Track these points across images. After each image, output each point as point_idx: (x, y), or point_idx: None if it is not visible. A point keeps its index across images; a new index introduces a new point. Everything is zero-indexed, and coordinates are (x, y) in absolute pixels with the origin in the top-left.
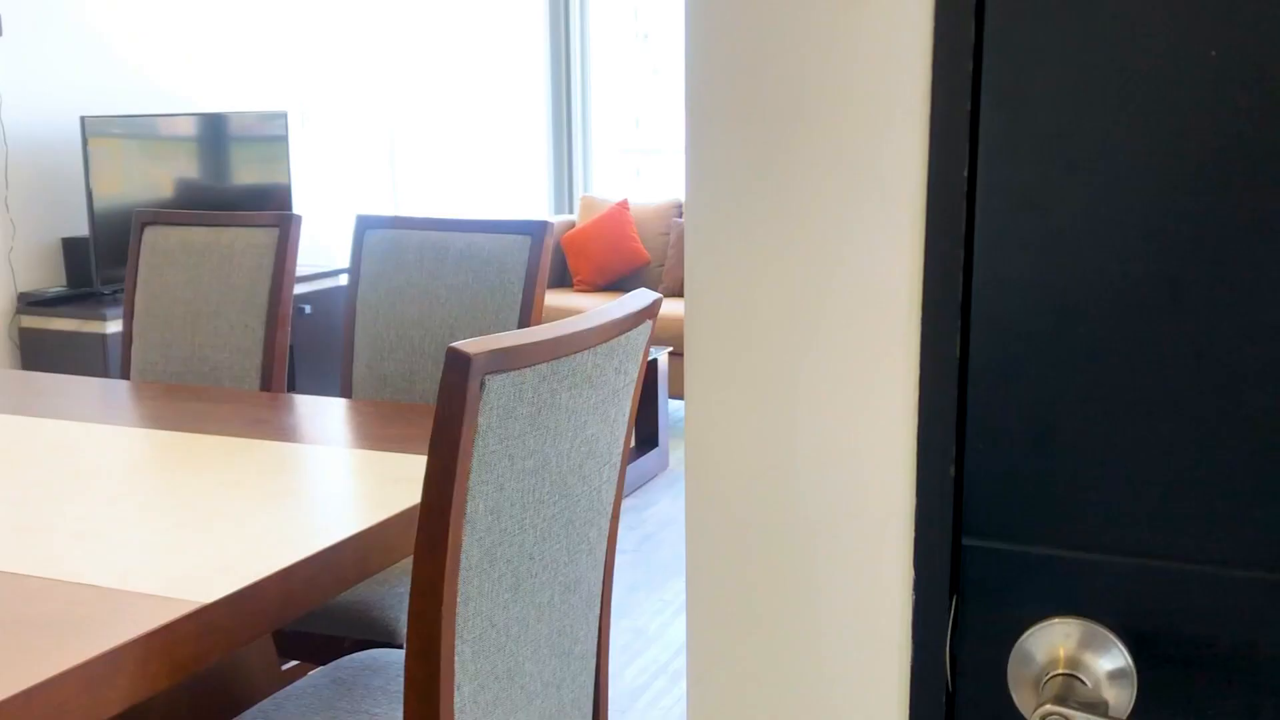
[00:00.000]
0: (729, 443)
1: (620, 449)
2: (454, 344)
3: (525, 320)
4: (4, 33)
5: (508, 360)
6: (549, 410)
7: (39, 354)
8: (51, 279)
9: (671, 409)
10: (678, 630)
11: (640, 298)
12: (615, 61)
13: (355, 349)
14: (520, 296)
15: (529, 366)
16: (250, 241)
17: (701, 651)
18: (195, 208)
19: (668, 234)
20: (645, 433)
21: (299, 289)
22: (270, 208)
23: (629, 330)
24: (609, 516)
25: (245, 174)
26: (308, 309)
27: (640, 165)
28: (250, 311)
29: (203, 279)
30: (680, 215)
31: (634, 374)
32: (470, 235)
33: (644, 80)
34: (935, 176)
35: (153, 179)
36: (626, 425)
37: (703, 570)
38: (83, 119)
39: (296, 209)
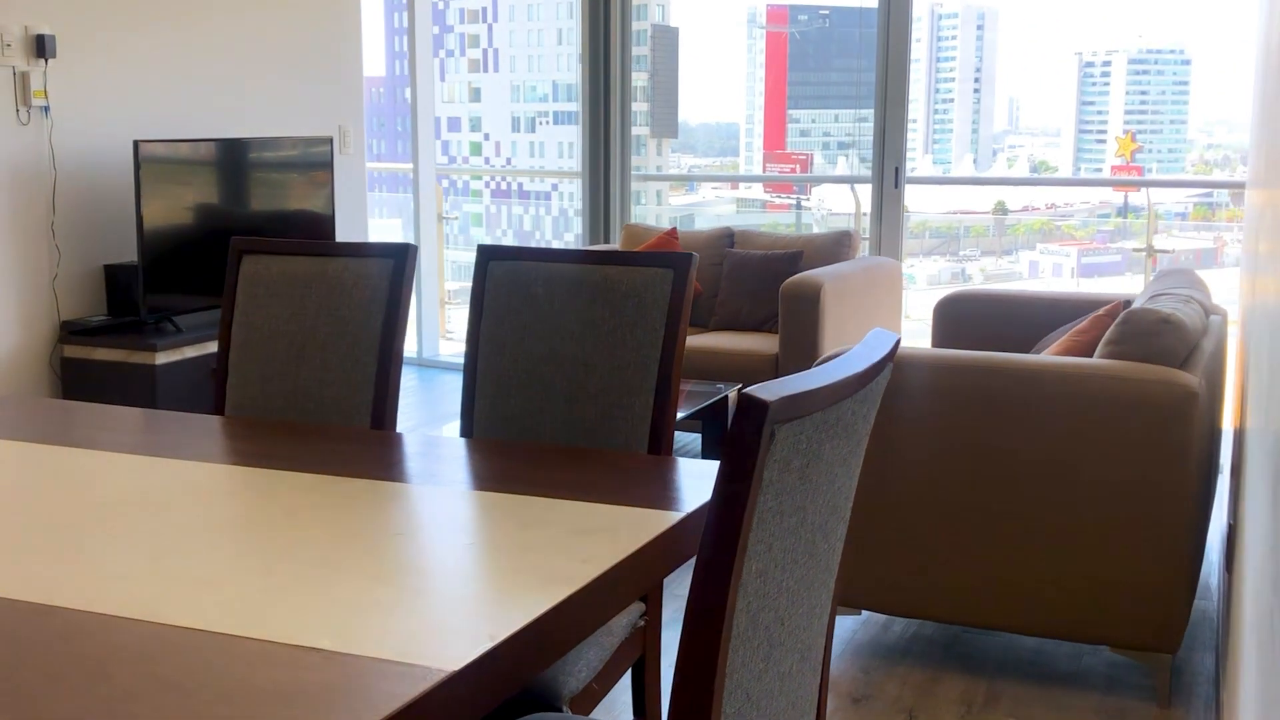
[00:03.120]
0: None
1: (852, 502)
2: (747, 390)
3: (668, 358)
4: (57, 55)
5: (796, 407)
6: (814, 462)
7: (82, 385)
8: (93, 307)
9: None
10: None
11: (885, 338)
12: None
13: (478, 386)
14: (662, 333)
15: (808, 415)
16: (361, 272)
17: None
18: (241, 233)
19: (720, 264)
20: None
21: None
22: (317, 233)
23: (880, 374)
24: (835, 576)
25: (291, 199)
26: None
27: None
28: (362, 346)
29: (308, 311)
30: (732, 244)
31: (872, 422)
32: (606, 268)
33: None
34: None
35: (199, 205)
36: (857, 477)
37: None
38: (136, 143)
39: (339, 235)
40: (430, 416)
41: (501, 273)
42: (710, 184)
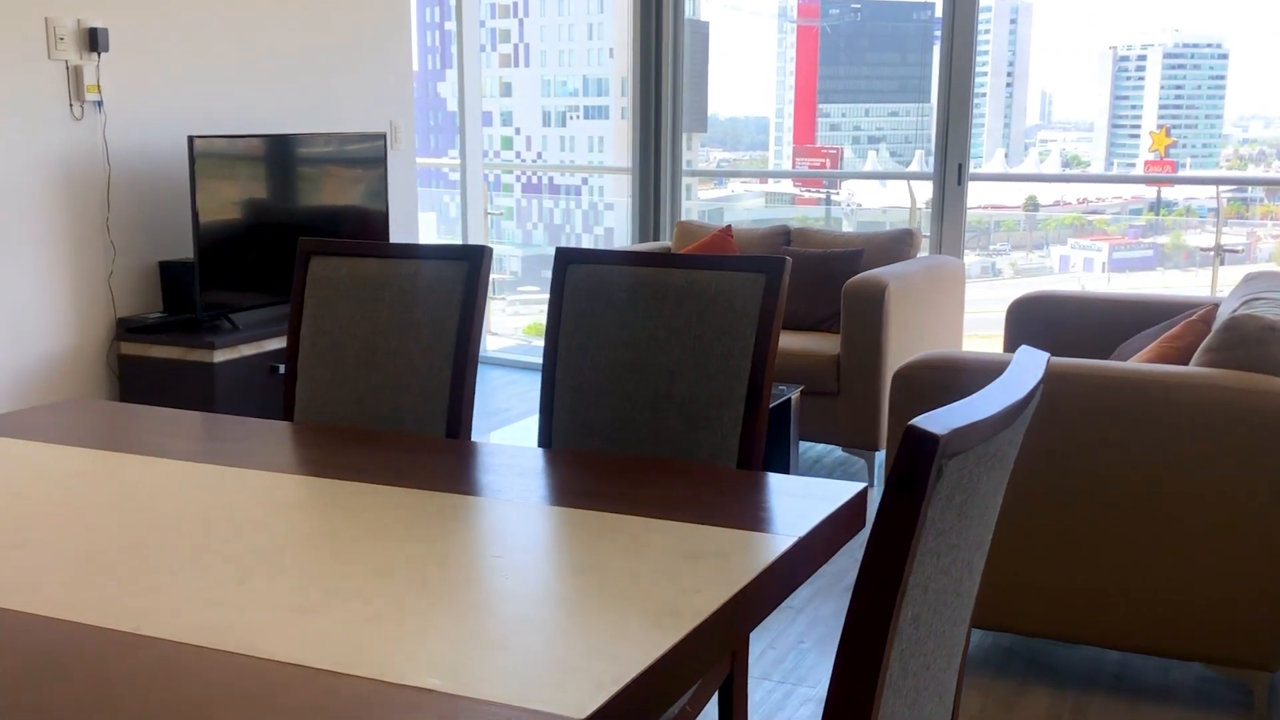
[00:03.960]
0: None
1: (992, 532)
2: (913, 421)
3: (760, 367)
4: (109, 49)
5: (965, 440)
6: (972, 497)
7: (139, 383)
8: (148, 304)
9: (800, 451)
10: None
11: (1036, 358)
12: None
13: (556, 395)
14: (753, 340)
15: (972, 448)
16: (435, 275)
17: None
18: (296, 230)
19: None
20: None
21: None
22: (370, 231)
23: (1035, 398)
24: (971, 611)
25: (346, 196)
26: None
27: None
28: (436, 351)
29: (380, 314)
30: (789, 242)
31: (1019, 446)
32: (693, 272)
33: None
34: None
35: (254, 201)
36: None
37: None
38: (190, 138)
39: (392, 233)
40: (478, 412)
41: (581, 276)
42: (739, 179)
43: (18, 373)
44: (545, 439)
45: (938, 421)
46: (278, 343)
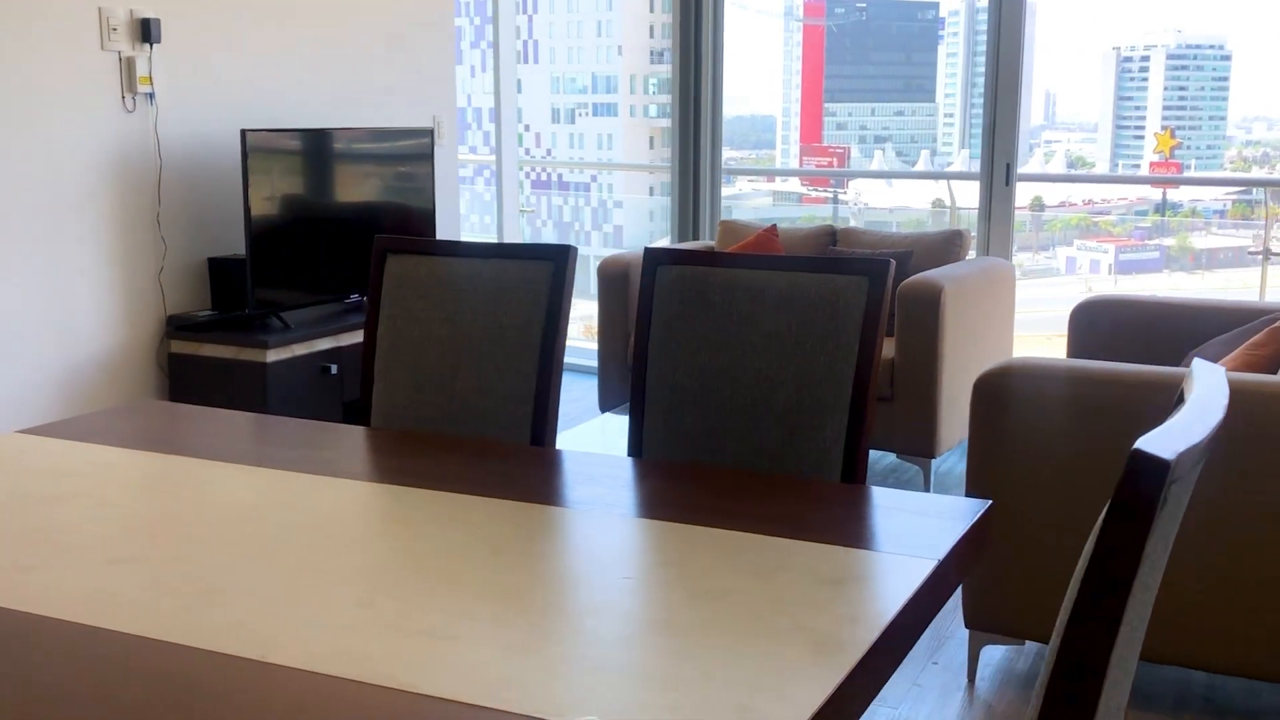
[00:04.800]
0: None
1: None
2: (1139, 445)
3: (865, 375)
4: (162, 40)
5: (1188, 463)
6: (1172, 522)
7: (189, 382)
8: (196, 301)
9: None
10: None
11: (1216, 373)
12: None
13: (647, 402)
14: (856, 346)
15: (1188, 472)
16: (520, 275)
17: None
18: (345, 226)
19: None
20: None
21: None
22: (417, 228)
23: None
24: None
25: (394, 192)
26: None
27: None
28: (522, 355)
29: (464, 316)
30: (835, 243)
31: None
32: (793, 274)
33: None
34: None
35: (304, 196)
36: None
37: None
38: (244, 132)
39: (438, 230)
40: None
41: (672, 279)
42: (747, 177)
43: (68, 372)
44: (635, 448)
45: (1160, 444)
46: (329, 342)
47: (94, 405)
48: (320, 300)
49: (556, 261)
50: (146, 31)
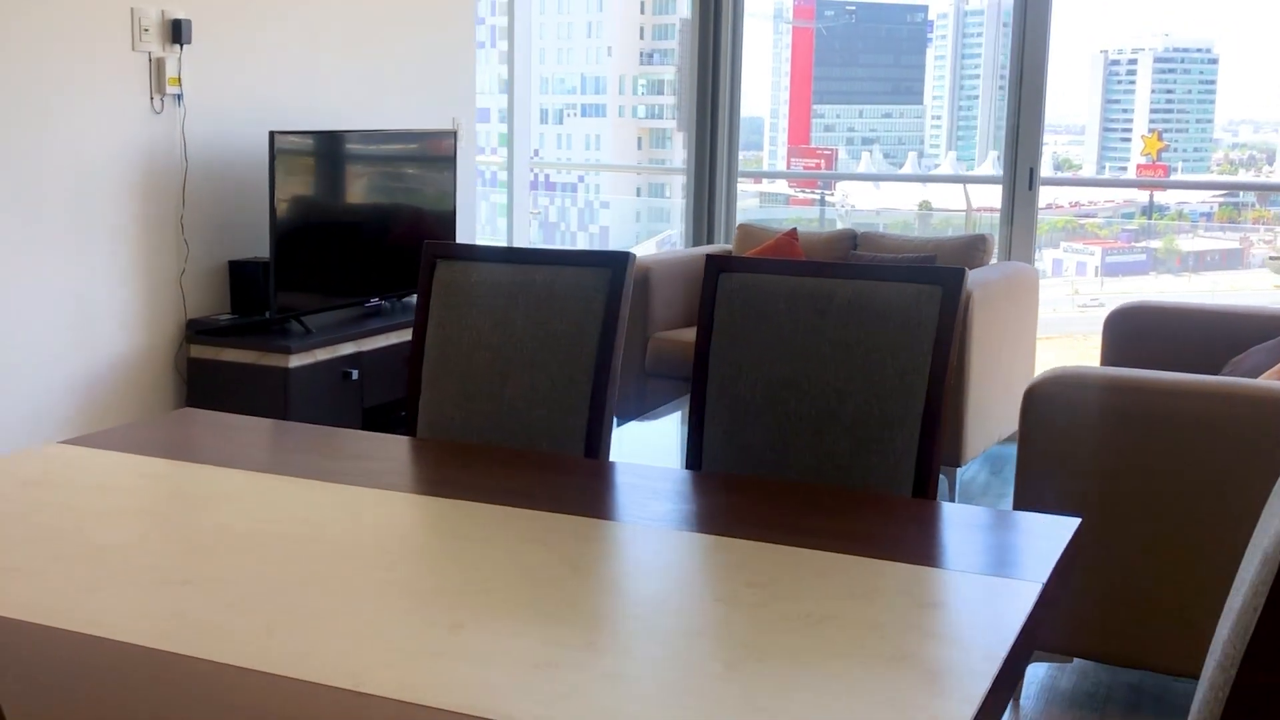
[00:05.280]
0: None
1: None
2: None
3: (937, 386)
4: (192, 41)
5: None
6: None
7: (208, 388)
8: (215, 305)
9: None
10: None
11: None
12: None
13: (708, 413)
14: (929, 358)
15: None
16: (575, 282)
17: None
18: (367, 229)
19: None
20: None
21: None
22: (439, 232)
23: None
24: None
25: (416, 195)
26: None
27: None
28: (576, 364)
29: (515, 323)
30: (856, 247)
31: None
32: (860, 283)
33: None
34: None
35: (327, 199)
36: None
37: None
38: (272, 134)
39: (459, 233)
40: None
41: (735, 286)
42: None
43: (86, 375)
44: (694, 460)
45: None
46: (351, 347)
47: (112, 409)
48: (341, 304)
49: (614, 268)
50: (177, 32)
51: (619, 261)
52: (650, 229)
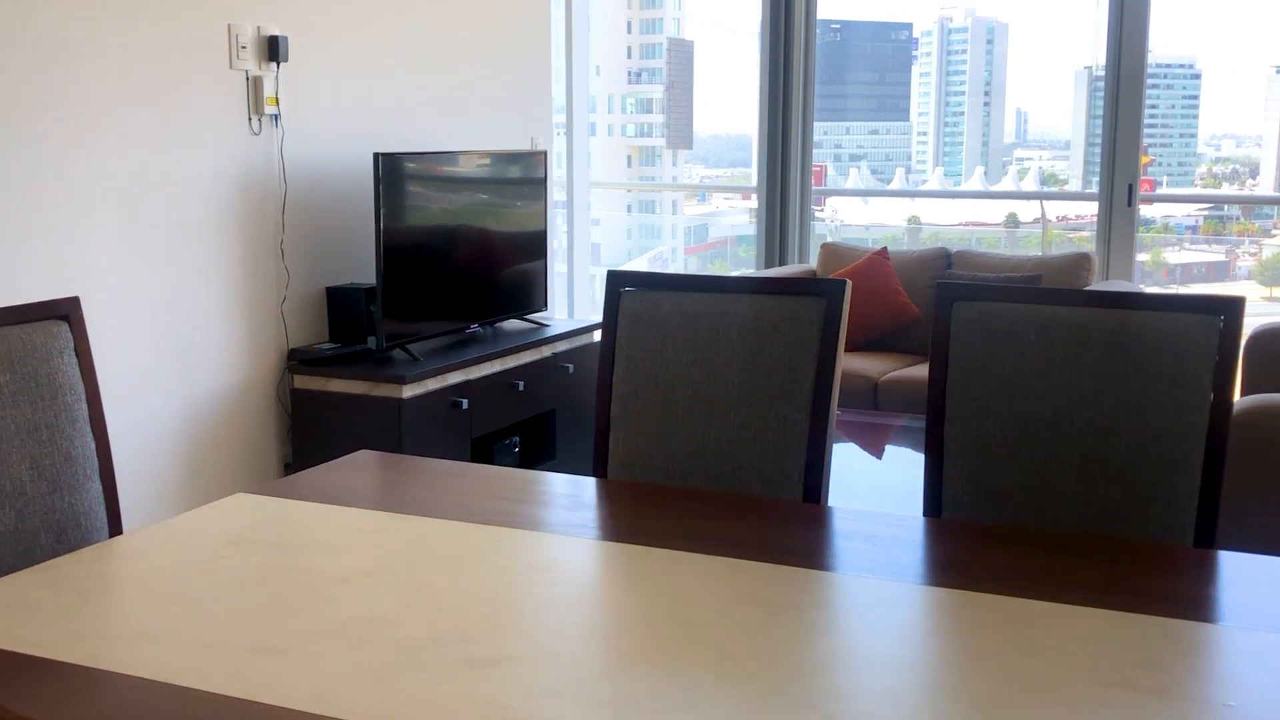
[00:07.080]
0: None
1: None
2: None
3: (1220, 425)
4: (289, 59)
5: None
6: None
7: (312, 420)
8: (314, 334)
9: None
10: None
11: None
12: None
13: (947, 456)
14: (1210, 393)
15: None
16: (784, 313)
17: None
18: (468, 252)
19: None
20: None
21: (559, 346)
22: (531, 254)
23: None
24: None
25: (511, 217)
26: (571, 368)
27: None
28: (790, 400)
29: (718, 357)
30: (950, 265)
31: None
32: (1127, 312)
33: None
34: None
35: (430, 223)
36: None
37: None
38: (377, 155)
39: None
40: None
41: (973, 316)
42: (722, 194)
43: (188, 408)
44: (933, 507)
45: None
46: (459, 375)
47: (214, 442)
48: (442, 332)
49: (829, 297)
50: (274, 50)
51: (835, 290)
52: (642, 245)
